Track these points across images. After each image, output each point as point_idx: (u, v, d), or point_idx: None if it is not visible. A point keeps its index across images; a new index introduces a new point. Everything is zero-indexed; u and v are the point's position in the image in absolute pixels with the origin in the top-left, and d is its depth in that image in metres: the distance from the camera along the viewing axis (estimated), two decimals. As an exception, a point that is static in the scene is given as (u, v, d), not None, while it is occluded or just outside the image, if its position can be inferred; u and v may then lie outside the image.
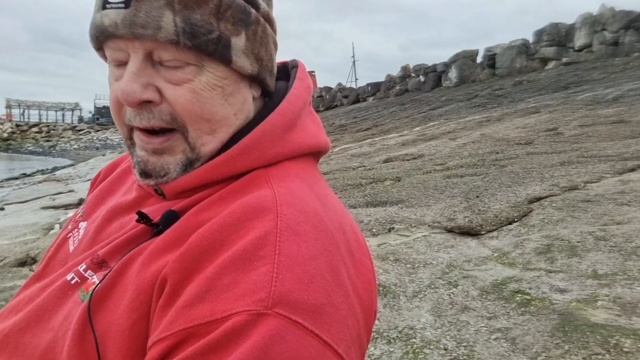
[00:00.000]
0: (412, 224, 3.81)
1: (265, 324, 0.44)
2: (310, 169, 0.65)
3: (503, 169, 5.26)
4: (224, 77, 0.59)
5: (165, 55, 0.56)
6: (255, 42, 0.60)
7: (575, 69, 15.91)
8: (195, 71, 0.57)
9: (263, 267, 0.48)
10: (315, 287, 0.48)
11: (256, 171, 0.60)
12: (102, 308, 0.55)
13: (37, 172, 22.02)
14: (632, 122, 6.93)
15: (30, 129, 61.24)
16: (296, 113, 0.65)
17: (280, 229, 0.51)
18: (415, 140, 9.28)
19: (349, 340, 0.49)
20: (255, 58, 0.61)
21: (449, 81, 21.01)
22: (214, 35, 0.56)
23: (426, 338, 2.16)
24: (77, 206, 8.13)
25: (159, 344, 0.47)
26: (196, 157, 0.61)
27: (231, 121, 0.61)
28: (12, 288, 3.28)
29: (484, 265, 2.88)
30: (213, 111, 0.59)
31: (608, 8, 17.54)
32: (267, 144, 0.61)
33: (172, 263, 0.52)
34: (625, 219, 3.20)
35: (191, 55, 0.56)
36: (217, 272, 0.48)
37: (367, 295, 0.56)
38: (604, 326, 1.98)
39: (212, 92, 0.58)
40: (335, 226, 0.57)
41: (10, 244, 5.22)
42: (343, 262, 0.54)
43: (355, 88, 31.02)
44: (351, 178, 6.04)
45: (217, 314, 0.46)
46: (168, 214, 0.59)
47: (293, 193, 0.56)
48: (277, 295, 0.46)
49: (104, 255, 0.62)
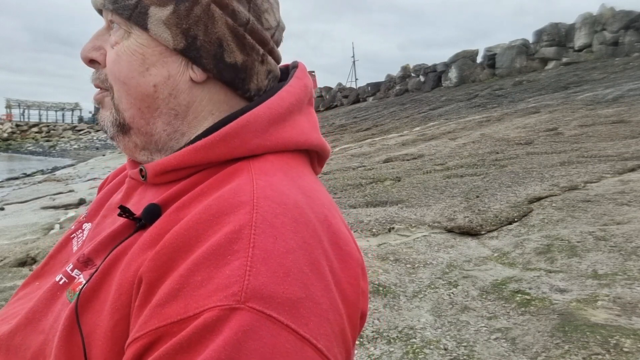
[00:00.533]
0: (412, 224, 3.81)
1: (238, 318, 0.43)
2: (297, 164, 0.63)
3: (503, 169, 5.26)
4: (145, 45, 0.61)
5: (109, 19, 0.63)
6: (188, 18, 0.60)
7: (575, 69, 15.91)
8: (123, 35, 0.62)
9: (236, 262, 0.46)
10: (291, 280, 0.47)
11: (238, 163, 0.59)
12: (90, 309, 0.54)
13: (37, 172, 22.02)
14: (632, 122, 6.93)
15: (30, 129, 61.26)
16: (285, 108, 0.64)
17: (256, 222, 0.50)
18: (415, 140, 9.28)
19: (330, 335, 0.47)
20: (184, 34, 0.60)
21: (449, 81, 21.01)
22: (132, 1, 0.60)
23: (426, 338, 2.16)
24: (77, 206, 8.14)
25: (134, 344, 0.47)
26: (123, 121, 0.64)
27: (149, 92, 0.62)
28: (12, 288, 3.28)
29: (484, 265, 2.88)
30: (130, 76, 0.61)
31: (608, 8, 17.54)
32: (249, 134, 0.60)
33: (147, 262, 0.51)
34: (625, 219, 3.20)
35: (121, 20, 0.61)
36: (191, 269, 0.47)
37: (352, 290, 0.54)
38: (604, 326, 1.98)
39: (132, 56, 0.61)
40: (320, 219, 0.55)
41: (10, 244, 5.22)
42: (325, 256, 0.52)
43: (355, 88, 31.01)
44: (351, 178, 6.04)
45: (189, 311, 0.45)
46: (150, 208, 0.58)
47: (272, 185, 0.55)
48: (250, 289, 0.44)
49: (89, 254, 0.61)
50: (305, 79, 0.70)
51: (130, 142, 0.65)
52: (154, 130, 0.64)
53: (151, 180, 0.63)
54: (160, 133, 0.64)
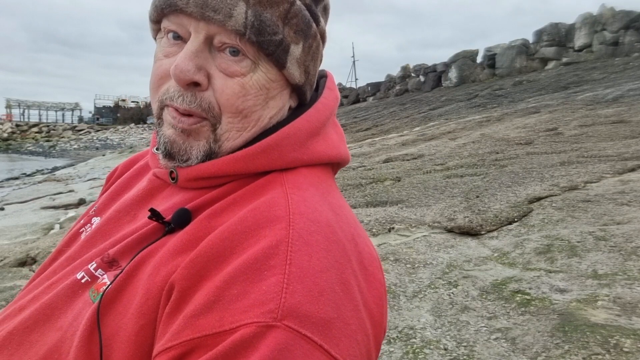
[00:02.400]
0: (412, 224, 3.81)
1: (274, 336, 0.43)
2: (326, 178, 0.64)
3: (503, 169, 5.26)
4: (273, 80, 0.60)
5: (228, 40, 0.57)
6: (309, 55, 0.61)
7: (575, 69, 15.91)
8: (250, 67, 0.58)
9: (273, 278, 0.47)
10: (325, 300, 0.47)
11: (271, 175, 0.60)
12: (112, 310, 0.54)
13: (37, 172, 22.01)
14: (632, 122, 6.93)
15: (30, 129, 61.28)
16: (322, 122, 0.65)
17: (292, 239, 0.50)
18: (415, 140, 9.28)
19: (357, 356, 0.48)
20: (305, 70, 0.62)
21: (449, 81, 21.02)
22: (278, 38, 0.57)
23: (426, 338, 2.16)
24: (77, 206, 8.14)
25: (165, 354, 0.46)
26: (217, 150, 0.61)
27: (263, 123, 0.62)
28: (12, 288, 3.28)
29: (484, 265, 2.88)
30: (253, 110, 0.59)
31: (608, 8, 17.55)
32: (288, 147, 0.60)
33: (181, 269, 0.51)
34: (625, 219, 3.20)
35: (251, 51, 0.57)
36: (227, 281, 0.47)
37: (377, 310, 0.54)
38: (604, 326, 1.98)
39: (259, 91, 0.59)
40: (348, 238, 0.56)
41: (10, 244, 5.22)
42: (354, 276, 0.53)
43: (355, 88, 31.03)
44: (351, 178, 6.04)
45: (225, 325, 0.45)
46: (180, 212, 0.58)
47: (306, 202, 0.55)
48: (286, 307, 0.45)
49: (114, 254, 0.61)
50: (335, 91, 0.71)
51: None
52: None
53: (183, 184, 0.62)
54: None
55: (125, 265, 0.57)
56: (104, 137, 50.02)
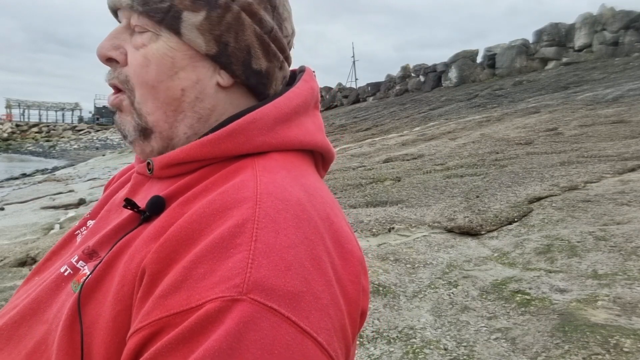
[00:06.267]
0: (412, 224, 3.81)
1: (240, 309, 0.44)
2: (301, 164, 0.64)
3: (503, 169, 5.26)
4: (176, 49, 0.61)
5: (133, 21, 0.62)
6: (220, 25, 0.61)
7: (575, 69, 15.92)
8: (151, 38, 0.61)
9: (239, 255, 0.47)
10: (292, 274, 0.47)
11: (243, 160, 0.60)
12: (92, 300, 0.55)
13: (37, 172, 22.02)
14: (632, 122, 6.93)
15: (30, 129, 61.25)
16: (292, 108, 0.65)
17: (259, 217, 0.50)
18: (415, 140, 9.29)
19: (330, 329, 0.48)
20: (216, 40, 0.62)
21: (449, 81, 21.03)
22: (165, 5, 0.60)
23: (426, 338, 2.16)
24: (77, 206, 8.14)
25: (136, 335, 0.47)
26: (145, 125, 0.63)
27: (177, 95, 0.62)
28: (12, 288, 3.28)
29: (484, 265, 2.88)
30: (159, 79, 0.61)
31: (608, 8, 17.55)
32: (255, 131, 0.61)
33: (151, 254, 0.52)
34: (625, 219, 3.20)
35: (149, 23, 0.61)
36: (193, 261, 0.48)
37: (352, 287, 0.54)
38: (604, 326, 1.98)
39: (161, 60, 0.61)
40: (322, 216, 0.56)
41: (10, 244, 5.23)
42: (326, 252, 0.53)
43: (355, 88, 31.02)
44: (351, 178, 6.04)
45: (192, 302, 0.45)
46: (154, 200, 0.59)
47: (275, 182, 0.56)
48: (252, 281, 0.45)
49: (94, 246, 0.62)
50: (311, 82, 0.72)
51: (149, 146, 0.65)
52: (176, 133, 0.64)
53: (157, 173, 0.64)
54: (180, 136, 0.64)
55: (105, 255, 0.59)
56: (104, 137, 50.02)
